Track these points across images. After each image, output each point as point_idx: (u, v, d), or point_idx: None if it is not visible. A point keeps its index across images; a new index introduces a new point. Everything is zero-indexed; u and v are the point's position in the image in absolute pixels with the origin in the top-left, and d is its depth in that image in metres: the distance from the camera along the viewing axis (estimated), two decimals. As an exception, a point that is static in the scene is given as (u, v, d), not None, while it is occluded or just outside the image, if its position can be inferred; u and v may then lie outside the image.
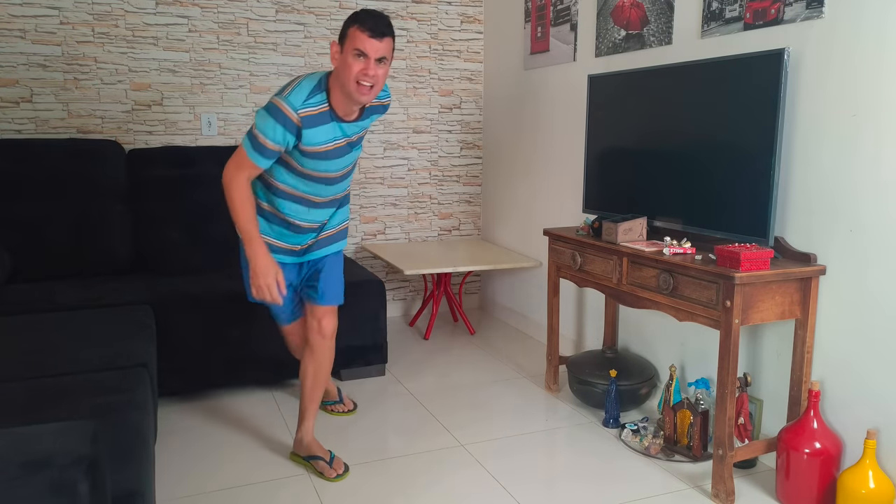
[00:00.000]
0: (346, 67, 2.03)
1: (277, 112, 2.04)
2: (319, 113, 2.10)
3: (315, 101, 2.09)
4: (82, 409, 1.70)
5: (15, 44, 3.40)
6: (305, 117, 2.07)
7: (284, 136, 2.07)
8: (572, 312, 3.56)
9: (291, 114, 2.05)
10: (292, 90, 2.07)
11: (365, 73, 2.02)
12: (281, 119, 2.04)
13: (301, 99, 2.06)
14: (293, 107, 2.05)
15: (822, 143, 2.21)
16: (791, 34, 2.28)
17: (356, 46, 2.01)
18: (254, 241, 2.15)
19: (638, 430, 2.63)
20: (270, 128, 2.05)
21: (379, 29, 2.01)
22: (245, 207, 2.14)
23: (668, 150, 2.62)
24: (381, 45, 2.02)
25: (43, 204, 3.18)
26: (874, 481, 1.98)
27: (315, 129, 2.11)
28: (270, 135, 2.05)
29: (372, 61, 2.02)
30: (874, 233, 2.07)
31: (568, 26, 3.47)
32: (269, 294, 2.16)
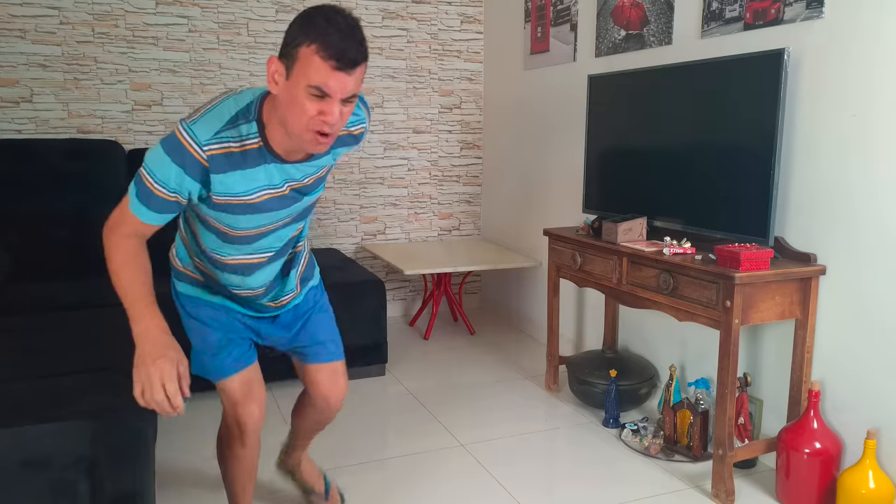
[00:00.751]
0: (296, 107, 1.31)
1: (174, 146, 1.36)
2: (243, 151, 1.40)
3: (233, 136, 1.39)
4: (82, 409, 1.70)
5: (15, 44, 3.40)
6: (215, 156, 1.37)
7: (181, 182, 1.38)
8: (572, 312, 3.56)
9: (193, 149, 1.35)
10: (202, 115, 1.39)
11: (324, 121, 1.32)
12: (177, 156, 1.35)
13: (211, 130, 1.37)
14: (196, 140, 1.35)
15: (822, 143, 2.20)
16: (791, 34, 2.28)
17: (314, 82, 1.28)
18: (139, 314, 1.44)
19: (638, 430, 2.63)
20: (161, 167, 1.36)
21: (349, 56, 1.28)
22: (126, 268, 1.49)
23: (668, 150, 2.62)
24: (352, 79, 1.30)
25: (43, 204, 3.18)
26: (874, 481, 1.98)
27: (231, 175, 1.41)
28: (161, 177, 1.37)
29: (336, 102, 1.31)
30: (874, 233, 2.07)
31: (568, 26, 3.47)
32: (160, 405, 1.36)
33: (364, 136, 1.66)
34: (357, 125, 1.59)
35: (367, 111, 1.64)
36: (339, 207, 4.15)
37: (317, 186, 1.59)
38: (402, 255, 3.86)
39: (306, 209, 1.64)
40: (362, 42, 1.30)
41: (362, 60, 1.31)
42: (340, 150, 1.61)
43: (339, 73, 1.27)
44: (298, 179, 1.52)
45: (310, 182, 1.55)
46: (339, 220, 4.17)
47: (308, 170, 1.52)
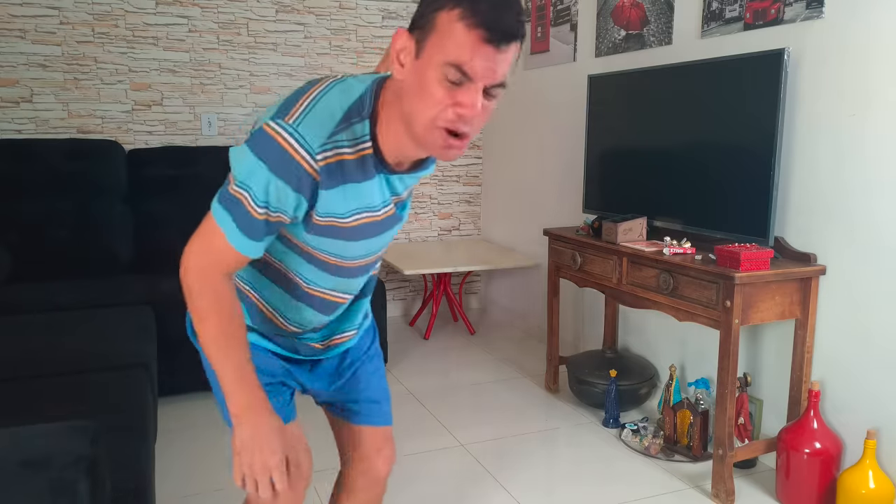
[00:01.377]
0: (424, 94, 0.98)
1: (275, 154, 1.00)
2: (360, 159, 1.07)
3: (348, 138, 1.05)
4: (82, 409, 1.70)
5: (15, 44, 3.40)
6: (328, 168, 1.04)
7: (287, 200, 1.04)
8: (572, 312, 3.56)
9: (304, 160, 1.01)
10: (306, 110, 1.02)
11: (460, 114, 0.97)
12: (282, 169, 1.01)
13: (324, 132, 1.02)
14: (308, 147, 1.01)
15: (822, 142, 2.21)
16: (791, 34, 2.28)
17: (452, 58, 0.94)
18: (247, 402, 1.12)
19: (638, 430, 2.63)
20: (261, 183, 1.02)
21: (504, 25, 0.94)
22: (229, 332, 1.11)
23: (668, 150, 2.62)
24: (503, 60, 0.96)
25: (43, 204, 3.19)
26: (874, 481, 1.98)
27: (342, 190, 1.08)
28: (262, 196, 1.03)
29: (478, 91, 0.97)
30: (874, 233, 2.07)
31: (568, 26, 3.47)
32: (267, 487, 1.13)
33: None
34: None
35: None
36: (339, 207, 4.15)
37: (408, 199, 1.27)
38: (402, 255, 3.87)
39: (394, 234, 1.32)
40: (521, 13, 0.97)
41: (519, 37, 0.97)
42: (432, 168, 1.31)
43: (489, 49, 0.94)
44: (400, 193, 1.19)
45: (405, 195, 1.23)
46: (339, 220, 4.17)
47: (410, 181, 1.20)
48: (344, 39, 4.00)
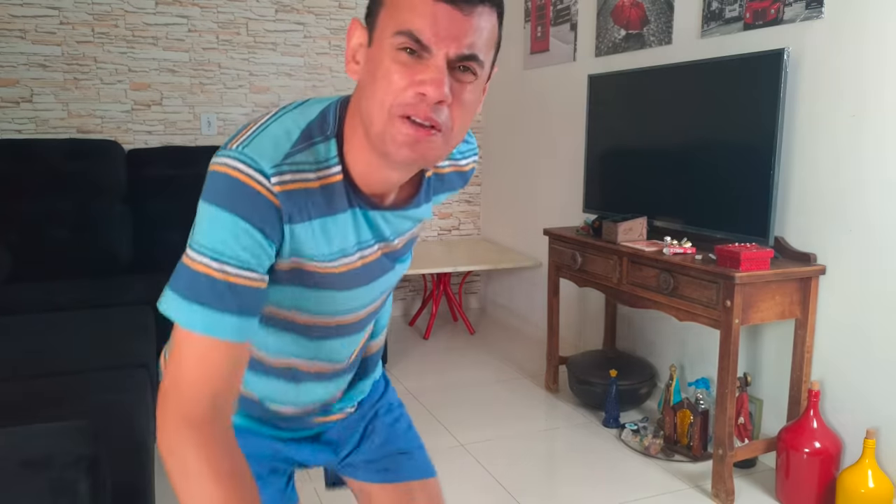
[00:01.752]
0: (379, 78, 0.79)
1: (225, 188, 0.80)
2: (323, 187, 0.86)
3: (308, 161, 0.84)
4: (82, 409, 1.70)
5: (15, 44, 3.40)
6: (288, 194, 0.82)
7: (255, 243, 0.81)
8: (572, 312, 3.56)
9: (256, 182, 0.80)
10: (254, 134, 0.83)
11: (421, 93, 0.77)
12: (237, 202, 0.80)
13: (277, 151, 0.82)
14: (258, 167, 0.80)
15: (822, 142, 2.21)
16: (791, 34, 2.28)
17: (403, 24, 0.77)
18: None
19: (638, 430, 2.63)
20: (221, 233, 0.80)
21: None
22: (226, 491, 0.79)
23: (668, 150, 2.62)
24: (469, 24, 0.77)
25: (43, 204, 3.19)
26: (873, 481, 1.98)
27: (312, 226, 0.86)
28: (229, 250, 0.80)
29: (442, 61, 0.77)
30: (874, 233, 2.07)
31: (568, 26, 3.47)
32: None
33: (472, 175, 1.09)
34: (469, 156, 1.06)
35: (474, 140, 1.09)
36: (339, 207, 4.16)
37: (406, 252, 1.03)
38: (402, 255, 3.86)
39: (392, 287, 1.07)
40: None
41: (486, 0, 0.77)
42: (443, 195, 1.05)
43: (445, 7, 0.75)
44: (389, 239, 0.95)
45: (400, 245, 0.98)
46: (339, 219, 4.17)
47: (400, 224, 0.95)
48: (344, 39, 4.00)
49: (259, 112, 3.87)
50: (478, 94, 0.84)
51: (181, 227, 3.37)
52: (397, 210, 0.94)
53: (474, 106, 0.84)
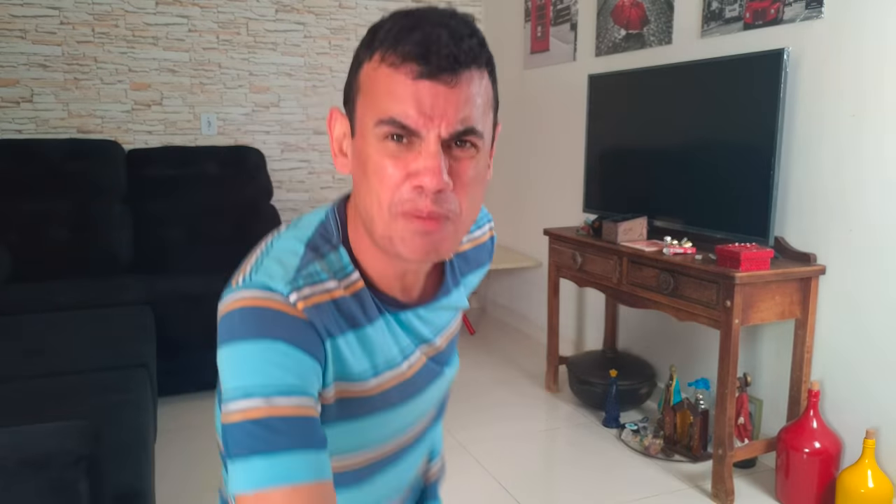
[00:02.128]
0: (370, 174, 0.72)
1: (245, 318, 0.69)
2: (353, 296, 0.77)
3: (324, 270, 0.76)
4: (82, 409, 1.70)
5: (15, 44, 3.40)
6: (314, 308, 0.72)
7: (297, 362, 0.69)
8: (572, 312, 3.56)
9: (274, 302, 0.70)
10: (257, 263, 0.75)
11: (419, 185, 0.69)
12: (263, 327, 0.69)
13: (287, 271, 0.73)
14: (273, 288, 0.71)
15: (822, 142, 2.21)
16: (791, 34, 2.28)
17: (384, 112, 0.69)
18: None
19: (638, 430, 2.63)
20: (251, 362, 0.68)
21: (443, 49, 0.68)
22: None
23: (669, 150, 2.62)
24: (459, 94, 0.69)
25: (43, 204, 3.19)
26: (873, 481, 1.98)
27: (348, 339, 0.76)
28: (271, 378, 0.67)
29: (435, 143, 0.69)
30: (874, 233, 2.07)
31: (568, 26, 3.47)
32: None
33: (493, 245, 1.02)
34: (482, 224, 0.99)
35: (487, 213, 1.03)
36: (339, 207, 4.15)
37: (451, 353, 0.93)
38: (402, 255, 3.86)
39: (446, 396, 0.97)
40: (472, 34, 0.71)
41: (473, 61, 0.70)
42: (473, 276, 0.96)
43: (426, 84, 0.68)
44: (430, 340, 0.86)
45: (443, 345, 0.89)
46: (339, 219, 4.17)
47: (437, 319, 0.87)
48: (343, 39, 4.00)
49: (259, 111, 3.87)
50: (483, 165, 0.75)
51: (181, 227, 3.38)
52: (428, 304, 0.84)
53: (482, 180, 0.75)
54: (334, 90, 4.01)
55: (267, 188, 3.65)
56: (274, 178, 3.85)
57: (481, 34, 0.73)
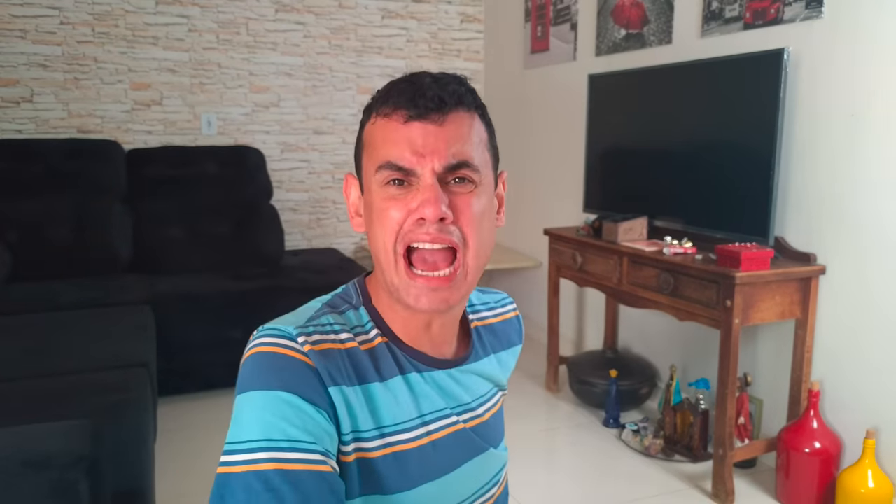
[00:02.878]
0: (376, 219, 0.77)
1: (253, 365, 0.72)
2: (365, 350, 0.78)
3: (338, 323, 0.78)
4: (82, 409, 1.70)
5: (15, 44, 3.40)
6: (323, 353, 0.73)
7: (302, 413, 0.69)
8: (572, 312, 3.56)
9: (285, 348, 0.72)
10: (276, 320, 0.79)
11: (419, 219, 0.74)
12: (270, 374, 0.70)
13: (302, 319, 0.78)
14: (283, 333, 0.74)
15: (822, 142, 2.20)
16: (791, 34, 2.28)
17: (384, 155, 0.75)
18: None
19: (638, 430, 2.63)
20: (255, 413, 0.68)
21: (429, 94, 0.74)
22: None
23: (669, 150, 2.62)
24: (450, 132, 0.74)
25: (43, 203, 3.19)
26: (873, 481, 1.98)
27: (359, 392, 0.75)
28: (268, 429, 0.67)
29: (431, 178, 0.73)
30: (874, 232, 2.07)
31: (568, 25, 3.47)
32: None
33: (521, 323, 1.01)
34: (505, 304, 0.99)
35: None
36: (339, 207, 4.15)
37: (497, 431, 0.90)
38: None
39: (497, 482, 0.90)
40: (460, 83, 0.77)
41: (459, 102, 0.75)
42: (506, 354, 0.94)
43: (417, 124, 0.73)
44: (468, 404, 0.84)
45: (487, 416, 0.87)
46: (339, 219, 4.17)
47: (474, 385, 0.85)
48: (343, 38, 4.00)
49: (259, 111, 3.87)
50: (488, 203, 0.77)
51: (181, 227, 3.38)
52: (462, 366, 0.84)
53: (487, 216, 0.77)
54: (334, 90, 4.01)
55: (267, 188, 3.65)
56: (274, 177, 3.85)
57: (471, 86, 0.79)
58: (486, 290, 1.00)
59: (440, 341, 0.82)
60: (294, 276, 3.23)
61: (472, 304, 0.93)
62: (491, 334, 0.93)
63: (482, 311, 0.94)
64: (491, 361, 0.89)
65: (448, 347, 0.84)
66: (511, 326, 0.97)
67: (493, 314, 0.96)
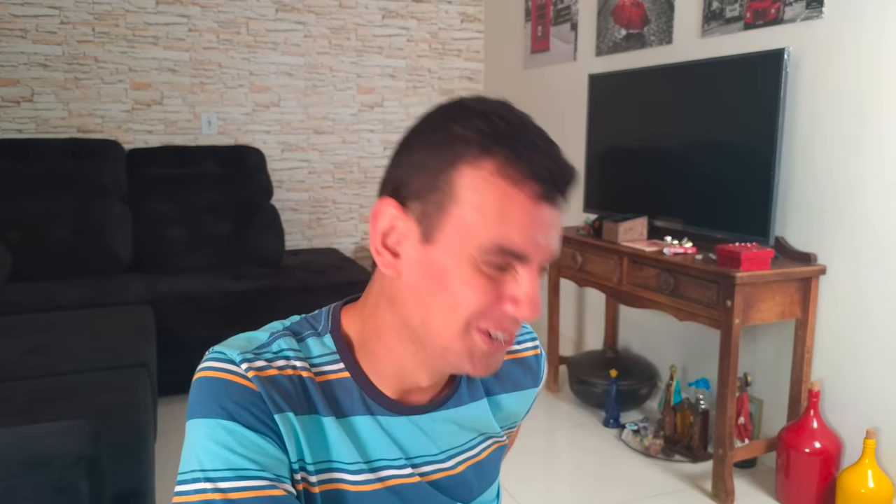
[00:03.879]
0: (452, 290, 0.65)
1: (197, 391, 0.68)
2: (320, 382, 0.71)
3: (294, 349, 0.71)
4: (82, 409, 1.70)
5: (16, 43, 3.40)
6: (269, 379, 0.68)
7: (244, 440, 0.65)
8: (572, 312, 3.56)
9: (225, 372, 0.68)
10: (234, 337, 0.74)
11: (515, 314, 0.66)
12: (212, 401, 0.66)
13: (252, 345, 0.71)
14: (229, 359, 0.69)
15: (822, 142, 2.20)
16: (791, 34, 2.27)
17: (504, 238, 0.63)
18: None
19: (638, 430, 2.63)
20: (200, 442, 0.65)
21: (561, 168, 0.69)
22: None
23: (669, 150, 2.61)
24: (558, 220, 0.70)
25: (43, 203, 3.19)
26: (873, 480, 1.98)
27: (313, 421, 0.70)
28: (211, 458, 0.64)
29: (536, 276, 0.66)
30: (874, 232, 2.07)
31: (568, 25, 3.47)
32: None
33: (543, 364, 0.91)
34: (524, 340, 0.89)
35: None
36: (339, 207, 4.15)
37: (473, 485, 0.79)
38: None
39: None
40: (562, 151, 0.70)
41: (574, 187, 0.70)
42: (510, 398, 0.85)
43: (546, 209, 0.66)
44: (431, 456, 0.76)
45: (458, 468, 0.78)
46: (339, 219, 4.17)
47: (448, 435, 0.77)
48: (344, 38, 4.00)
49: (259, 111, 3.87)
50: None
51: (181, 227, 3.37)
52: (433, 412, 0.74)
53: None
54: (334, 90, 4.01)
55: (267, 188, 3.65)
56: (274, 177, 3.85)
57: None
58: None
59: (422, 391, 0.74)
60: (294, 276, 3.23)
61: None
62: (492, 375, 0.80)
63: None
64: (481, 406, 0.79)
65: (427, 395, 0.75)
66: (523, 367, 0.86)
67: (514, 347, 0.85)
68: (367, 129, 4.12)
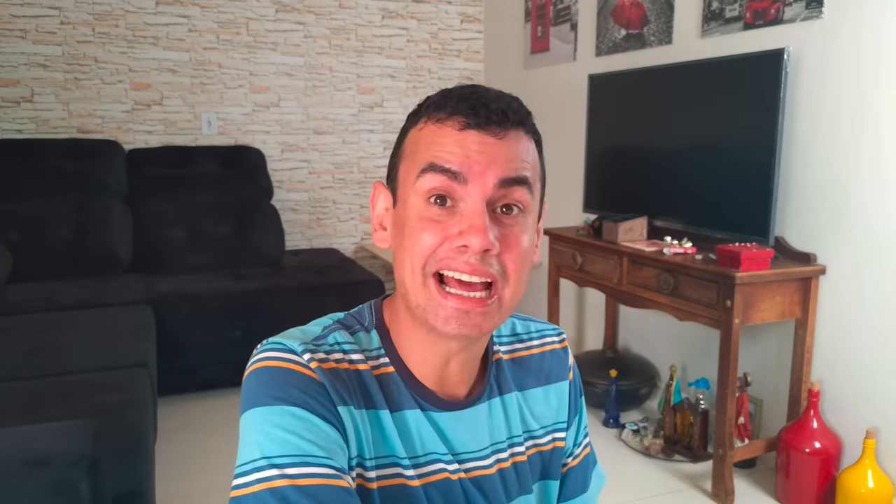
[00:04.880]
0: (408, 236, 0.69)
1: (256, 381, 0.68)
2: (380, 377, 0.73)
3: (349, 342, 0.73)
4: (82, 409, 1.70)
5: (16, 44, 3.40)
6: (331, 372, 0.69)
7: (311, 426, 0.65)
8: (572, 312, 3.56)
9: (289, 361, 0.68)
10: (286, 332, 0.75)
11: (462, 245, 0.66)
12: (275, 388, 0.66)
13: (309, 337, 0.73)
14: (288, 348, 0.69)
15: (822, 142, 2.20)
16: (791, 34, 2.28)
17: (430, 157, 0.68)
18: None
19: (638, 430, 2.63)
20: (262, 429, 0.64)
21: (492, 106, 0.69)
22: None
23: (669, 150, 2.62)
24: (507, 148, 0.68)
25: (43, 203, 3.19)
26: (873, 480, 1.98)
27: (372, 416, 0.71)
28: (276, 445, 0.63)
29: (479, 204, 0.66)
30: (874, 232, 2.07)
31: (568, 26, 3.47)
32: None
33: (569, 355, 0.90)
34: (547, 334, 0.91)
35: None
36: (339, 207, 4.16)
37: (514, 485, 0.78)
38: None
39: None
40: (521, 105, 0.74)
41: (521, 122, 0.71)
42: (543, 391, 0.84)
43: (474, 133, 0.67)
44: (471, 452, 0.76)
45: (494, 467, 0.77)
46: (339, 219, 4.17)
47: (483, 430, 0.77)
48: (344, 39, 4.00)
49: (259, 111, 3.87)
50: (532, 235, 0.71)
51: (181, 227, 3.38)
52: (470, 407, 0.75)
53: (530, 252, 0.70)
54: (334, 90, 4.01)
55: (267, 188, 3.65)
56: (274, 177, 3.85)
57: (530, 113, 0.75)
58: (533, 319, 0.89)
59: (456, 381, 0.75)
60: (294, 276, 3.23)
61: (500, 335, 0.84)
62: (519, 368, 0.82)
63: (514, 343, 0.85)
64: (511, 400, 0.79)
65: (463, 388, 0.76)
66: (554, 359, 0.87)
67: (526, 346, 0.86)
68: (367, 130, 4.12)
